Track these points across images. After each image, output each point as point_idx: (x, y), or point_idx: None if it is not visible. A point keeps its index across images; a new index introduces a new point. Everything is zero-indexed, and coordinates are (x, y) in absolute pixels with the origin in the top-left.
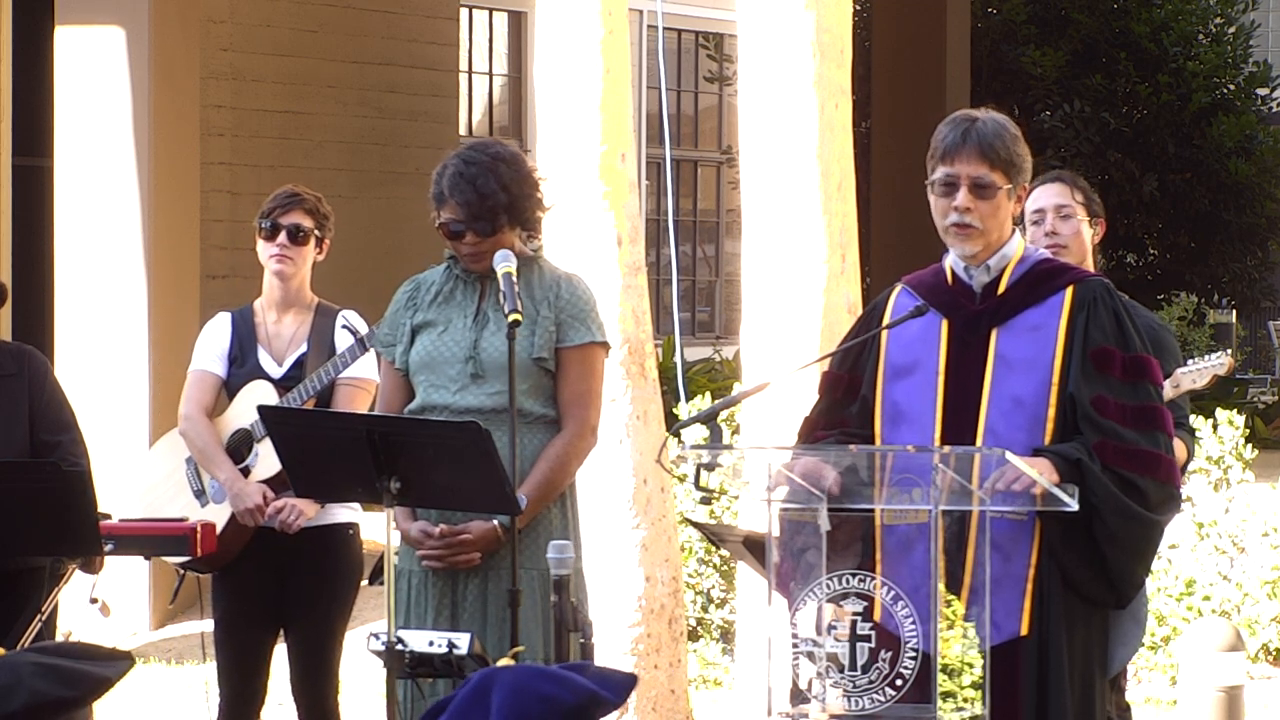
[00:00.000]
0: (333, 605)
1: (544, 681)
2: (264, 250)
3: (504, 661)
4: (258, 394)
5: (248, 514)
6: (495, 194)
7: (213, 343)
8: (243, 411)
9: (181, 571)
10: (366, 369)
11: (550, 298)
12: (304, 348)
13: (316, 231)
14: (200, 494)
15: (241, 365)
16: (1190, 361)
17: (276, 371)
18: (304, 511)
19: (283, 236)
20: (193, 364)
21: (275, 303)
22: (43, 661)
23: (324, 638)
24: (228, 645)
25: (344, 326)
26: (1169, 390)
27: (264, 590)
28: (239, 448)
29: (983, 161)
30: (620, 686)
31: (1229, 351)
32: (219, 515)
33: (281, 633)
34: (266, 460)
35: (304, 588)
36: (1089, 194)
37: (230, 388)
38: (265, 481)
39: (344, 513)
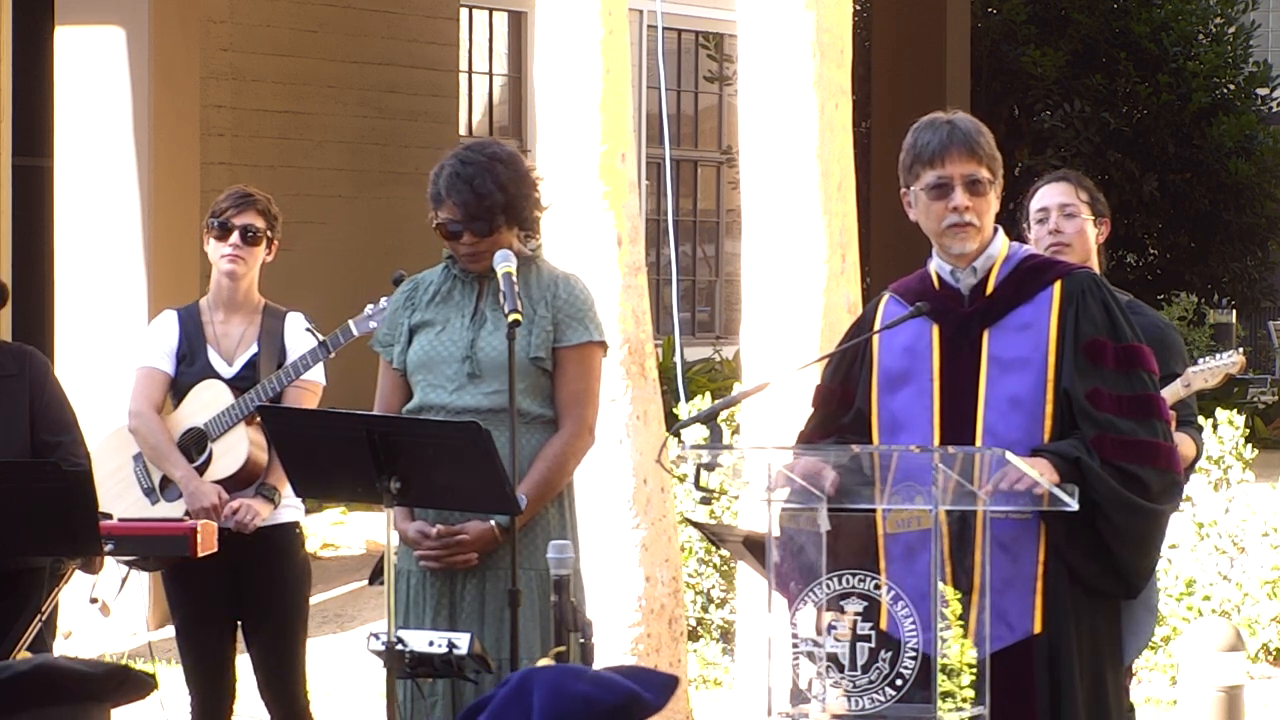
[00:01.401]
0: (289, 606)
1: (584, 682)
2: (215, 250)
3: (544, 661)
4: (211, 393)
5: (203, 513)
6: (492, 194)
7: (161, 340)
8: (195, 410)
9: (127, 569)
10: (315, 372)
11: (548, 297)
12: (255, 349)
13: (268, 232)
14: (150, 491)
15: (191, 364)
16: (1201, 361)
17: (227, 371)
18: (259, 512)
19: (235, 237)
20: (141, 360)
21: (223, 303)
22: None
23: (286, 638)
24: (190, 648)
25: (306, 329)
26: (1180, 390)
27: (218, 590)
28: (190, 447)
29: (971, 159)
30: (662, 687)
31: (1240, 350)
32: (172, 513)
33: (239, 629)
34: (222, 460)
35: (260, 593)
36: (1094, 193)
37: (180, 386)
38: (220, 482)
39: (288, 512)
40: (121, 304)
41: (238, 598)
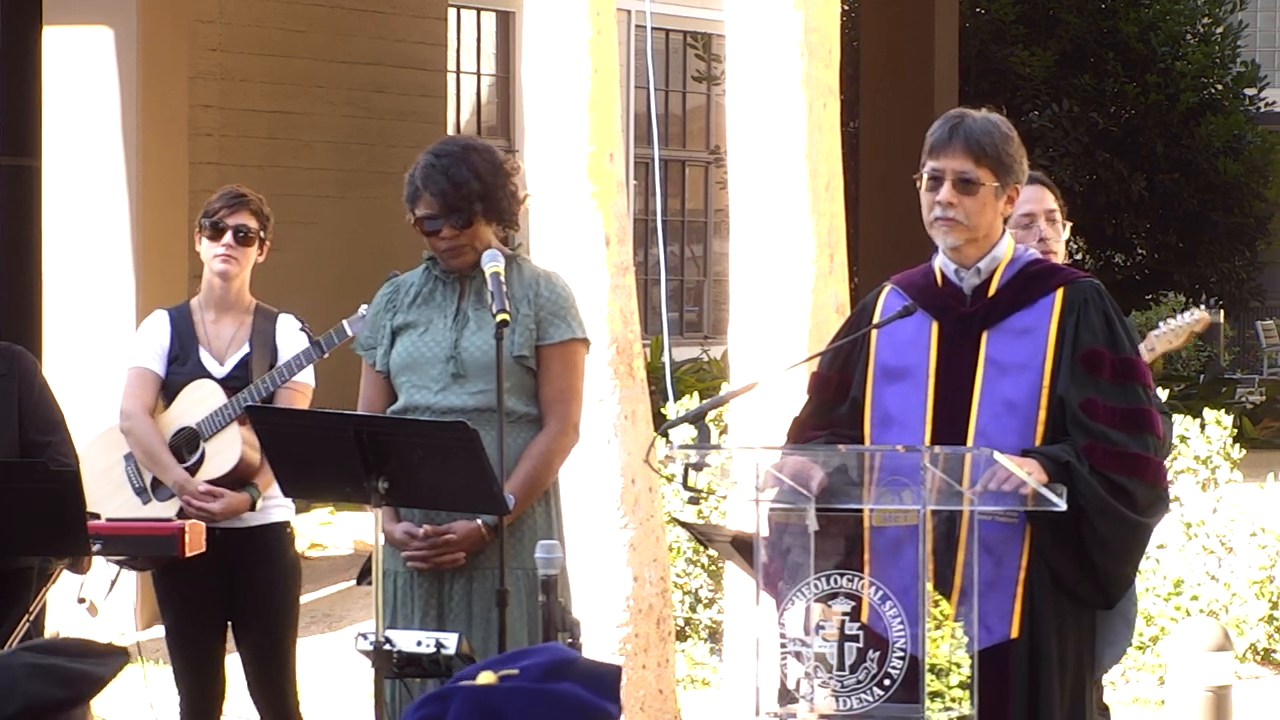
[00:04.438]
0: (279, 605)
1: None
2: (208, 250)
3: (488, 677)
4: (203, 393)
5: (198, 510)
6: (468, 181)
7: (152, 340)
8: (186, 410)
9: (117, 569)
10: (306, 374)
11: (530, 295)
12: (246, 349)
13: (260, 233)
14: (142, 491)
15: (183, 364)
16: (1163, 323)
17: (219, 371)
18: (232, 505)
19: (229, 237)
20: (131, 360)
21: (214, 303)
22: (38, 663)
23: (275, 638)
24: (180, 648)
25: (300, 329)
26: (1145, 354)
27: (209, 590)
28: (181, 447)
29: (968, 157)
30: (611, 685)
31: (1206, 308)
32: (163, 513)
33: (229, 630)
34: (214, 460)
35: (251, 591)
36: (1058, 194)
37: (171, 386)
38: (213, 482)
39: (278, 512)
40: (109, 303)
41: (229, 597)
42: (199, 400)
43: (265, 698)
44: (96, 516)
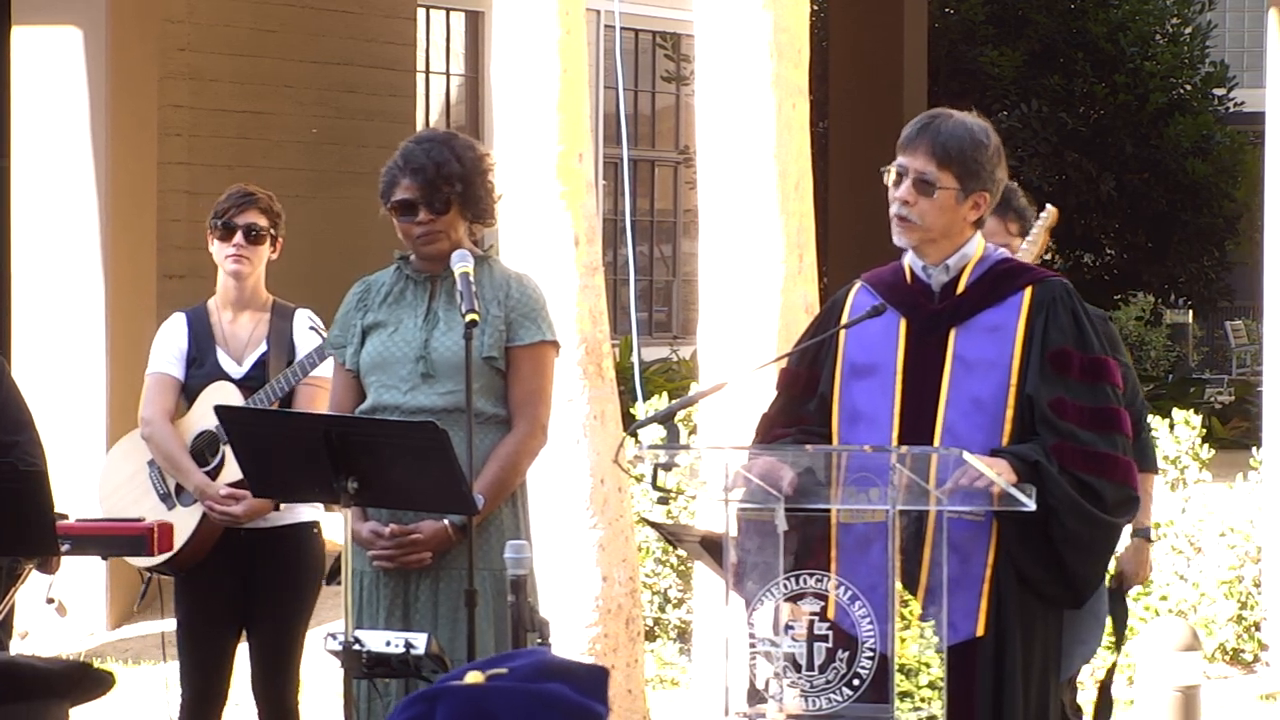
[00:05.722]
0: (295, 604)
1: (557, 713)
2: (219, 250)
3: (474, 676)
4: (221, 395)
5: (224, 515)
6: (449, 162)
7: (170, 344)
8: (206, 413)
9: (148, 575)
10: (325, 368)
11: (500, 296)
12: (264, 348)
13: (271, 230)
14: (167, 497)
15: (200, 366)
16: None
17: (237, 372)
18: (256, 508)
19: (239, 236)
20: (150, 366)
21: (231, 302)
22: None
23: (286, 637)
24: (190, 645)
25: (311, 328)
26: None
27: (227, 590)
28: (203, 450)
29: (930, 159)
30: (599, 686)
31: (1049, 207)
32: (187, 518)
33: (243, 632)
34: (235, 462)
35: (267, 587)
36: (1023, 214)
37: (190, 389)
38: (234, 485)
39: (307, 511)
40: (79, 304)
41: (246, 597)
42: (217, 403)
43: (267, 695)
44: (64, 516)
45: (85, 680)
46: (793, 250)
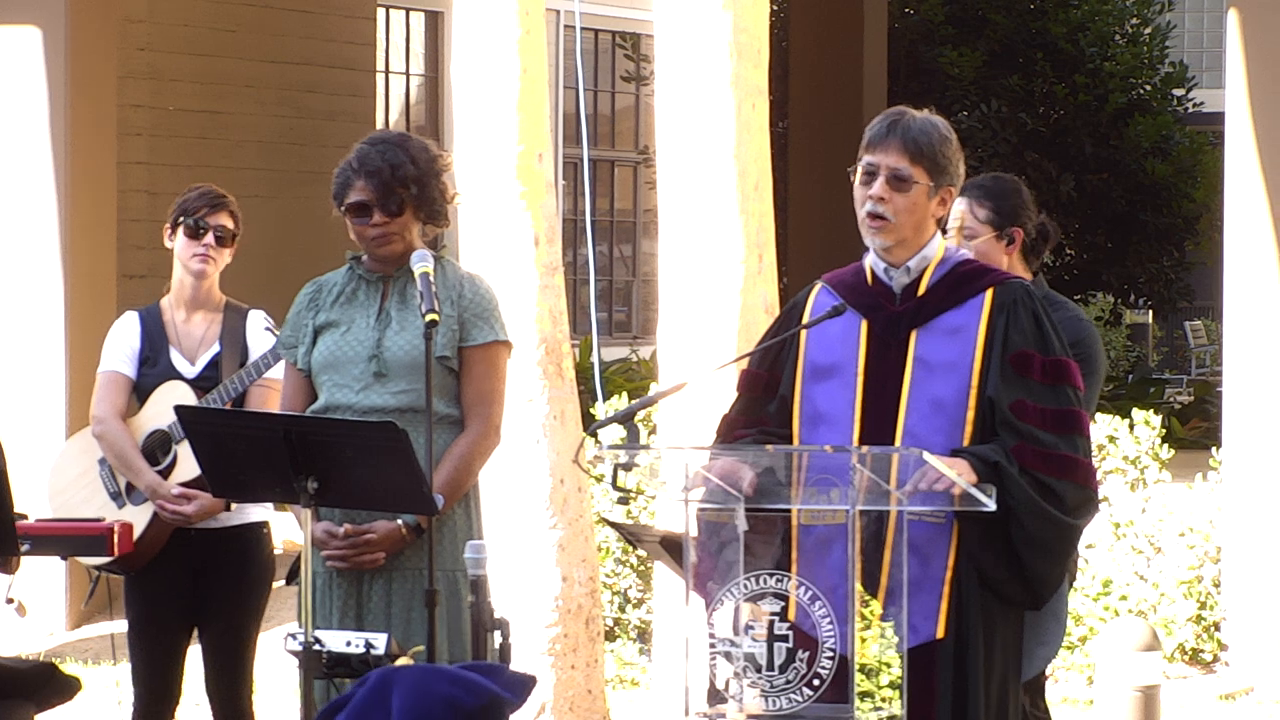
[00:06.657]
0: (246, 605)
1: (445, 683)
2: (186, 248)
3: (403, 661)
4: (174, 394)
5: (175, 515)
6: (404, 164)
7: (122, 343)
8: (159, 412)
9: (96, 573)
10: (278, 370)
11: (454, 297)
12: (217, 347)
13: (235, 234)
14: (117, 495)
15: (153, 365)
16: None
17: (190, 371)
18: (208, 508)
19: (209, 237)
20: (102, 365)
21: (185, 301)
22: None
23: (238, 637)
24: (141, 646)
25: (266, 329)
26: None
27: (178, 590)
28: (155, 450)
29: (904, 155)
30: (521, 687)
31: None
32: (138, 517)
33: (195, 632)
34: (187, 462)
35: (218, 587)
36: (998, 202)
37: (141, 388)
38: (186, 484)
39: (256, 511)
40: (38, 303)
41: (197, 598)
42: (170, 402)
43: (220, 695)
44: (24, 517)
45: (53, 683)
46: (752, 250)
